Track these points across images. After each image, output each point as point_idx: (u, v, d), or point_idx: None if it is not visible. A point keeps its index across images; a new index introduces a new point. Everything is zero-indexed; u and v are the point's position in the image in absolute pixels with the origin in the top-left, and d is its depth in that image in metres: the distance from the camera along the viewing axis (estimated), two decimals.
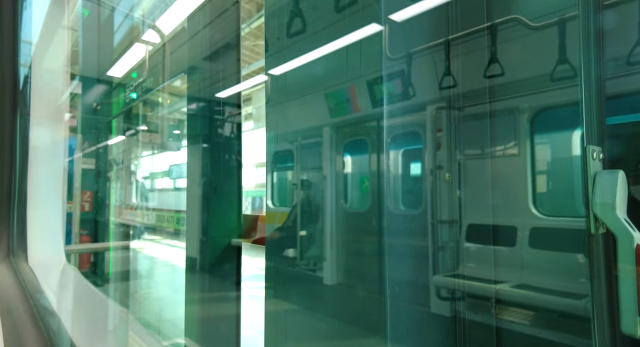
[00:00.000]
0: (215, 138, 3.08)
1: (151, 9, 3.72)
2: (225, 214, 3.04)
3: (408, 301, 1.68)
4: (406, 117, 1.87)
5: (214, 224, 2.98)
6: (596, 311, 0.68)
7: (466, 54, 1.68)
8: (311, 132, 2.36)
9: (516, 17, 1.63)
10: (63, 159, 3.46)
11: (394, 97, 1.79)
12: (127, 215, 5.55)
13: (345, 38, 1.65)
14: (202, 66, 3.14)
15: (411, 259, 1.74)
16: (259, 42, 6.50)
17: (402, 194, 2.13)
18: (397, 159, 2.27)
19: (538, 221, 1.89)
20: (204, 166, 3.06)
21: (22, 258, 2.26)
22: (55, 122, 2.89)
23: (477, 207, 1.74)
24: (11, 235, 2.19)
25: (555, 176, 1.98)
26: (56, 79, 2.93)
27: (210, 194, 2.97)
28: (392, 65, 1.79)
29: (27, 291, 1.61)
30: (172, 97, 4.90)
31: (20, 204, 2.35)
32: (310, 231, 2.43)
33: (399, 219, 1.88)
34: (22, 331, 1.16)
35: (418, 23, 1.73)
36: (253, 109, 13.23)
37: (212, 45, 2.97)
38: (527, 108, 1.85)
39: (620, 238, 0.62)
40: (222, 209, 3.02)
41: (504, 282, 1.72)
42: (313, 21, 1.90)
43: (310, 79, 2.00)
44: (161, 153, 5.37)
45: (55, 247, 3.13)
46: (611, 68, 1.25)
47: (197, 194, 3.02)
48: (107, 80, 5.03)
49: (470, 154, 1.77)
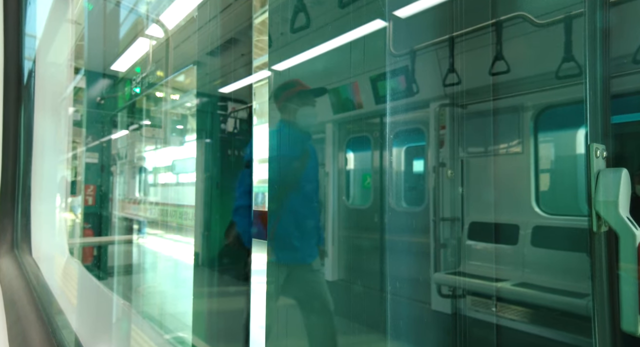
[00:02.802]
0: (228, 133, 3.09)
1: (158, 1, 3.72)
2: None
3: (409, 298, 1.68)
4: (409, 114, 1.87)
5: (224, 219, 2.99)
6: (597, 309, 0.68)
7: (470, 51, 1.67)
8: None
9: (522, 14, 1.62)
10: (67, 153, 3.47)
11: (398, 93, 1.78)
12: (131, 209, 5.58)
13: (349, 34, 1.65)
14: (213, 59, 3.14)
15: (413, 256, 1.74)
16: (263, 37, 6.50)
17: (404, 191, 2.13)
18: (400, 156, 2.26)
19: (541, 220, 1.88)
20: (215, 161, 3.06)
21: (26, 251, 2.28)
22: (59, 116, 2.90)
23: (479, 205, 1.74)
24: (15, 228, 2.21)
25: (558, 175, 1.97)
26: (60, 73, 2.94)
27: (220, 189, 2.98)
28: (396, 61, 1.78)
29: (30, 283, 1.62)
30: (178, 91, 4.91)
31: (24, 198, 2.36)
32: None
33: (400, 215, 1.88)
34: (25, 322, 1.17)
35: (422, 19, 1.72)
36: (257, 105, 13.19)
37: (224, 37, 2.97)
38: (531, 106, 1.84)
39: (623, 236, 0.62)
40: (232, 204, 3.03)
41: (506, 280, 1.72)
42: (317, 17, 1.90)
43: (313, 75, 1.99)
44: (168, 147, 5.39)
45: (59, 240, 3.15)
46: (617, 66, 1.24)
47: (206, 188, 3.02)
48: (112, 75, 5.04)
49: (473, 152, 1.76)
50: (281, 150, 1.91)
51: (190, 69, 3.62)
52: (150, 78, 4.29)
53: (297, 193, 1.84)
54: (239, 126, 3.15)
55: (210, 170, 3.07)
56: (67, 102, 3.34)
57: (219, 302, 2.96)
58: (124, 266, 4.51)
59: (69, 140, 3.82)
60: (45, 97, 2.60)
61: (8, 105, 2.08)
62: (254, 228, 1.95)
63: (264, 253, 2.12)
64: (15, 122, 2.14)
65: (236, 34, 3.06)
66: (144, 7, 4.03)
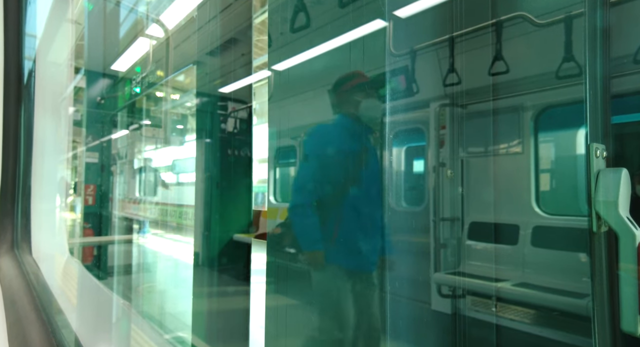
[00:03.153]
0: (228, 133, 3.09)
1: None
2: (236, 209, 3.06)
3: (408, 298, 1.68)
4: (409, 114, 1.87)
5: (224, 219, 3.00)
6: (597, 309, 0.68)
7: (471, 51, 1.67)
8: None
9: (522, 14, 1.62)
10: (67, 152, 3.47)
11: (398, 93, 1.78)
12: (130, 209, 5.58)
13: (349, 34, 1.65)
14: (213, 59, 3.14)
15: (412, 256, 1.74)
16: (263, 37, 6.50)
17: (404, 191, 2.13)
18: (400, 156, 2.26)
19: (541, 220, 1.88)
20: (214, 161, 3.06)
21: (26, 251, 2.28)
22: (59, 116, 2.90)
23: (479, 205, 1.74)
24: (15, 228, 2.21)
25: (559, 175, 1.97)
26: (60, 73, 2.94)
27: (220, 189, 2.98)
28: (395, 61, 1.78)
29: (30, 282, 1.62)
30: (178, 91, 4.91)
31: (25, 197, 2.36)
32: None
33: (400, 215, 1.88)
34: (25, 322, 1.17)
35: (422, 19, 1.72)
36: (257, 105, 13.20)
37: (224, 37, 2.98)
38: (532, 106, 1.84)
39: (622, 236, 0.62)
40: (234, 204, 3.04)
41: (506, 280, 1.72)
42: (317, 16, 1.89)
43: (313, 75, 1.99)
44: (168, 147, 5.38)
45: (59, 240, 3.15)
46: (618, 66, 1.24)
47: (206, 189, 3.03)
48: (112, 74, 5.04)
49: (473, 152, 1.76)
50: (338, 145, 1.76)
51: (190, 69, 3.62)
52: (150, 78, 4.29)
53: (357, 192, 1.69)
54: (238, 126, 3.15)
55: (210, 170, 3.07)
56: (67, 102, 3.34)
57: (219, 301, 2.96)
58: (124, 266, 4.51)
59: (69, 140, 3.82)
60: (45, 97, 2.60)
61: (8, 104, 2.08)
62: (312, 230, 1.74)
63: (264, 253, 2.10)
64: (16, 122, 2.14)
65: (236, 34, 3.06)
66: (144, 6, 4.03)
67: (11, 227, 2.16)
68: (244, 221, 3.10)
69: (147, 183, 5.83)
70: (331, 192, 1.75)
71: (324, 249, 1.72)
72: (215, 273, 2.97)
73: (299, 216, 1.82)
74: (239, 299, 2.95)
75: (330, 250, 1.70)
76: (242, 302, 2.89)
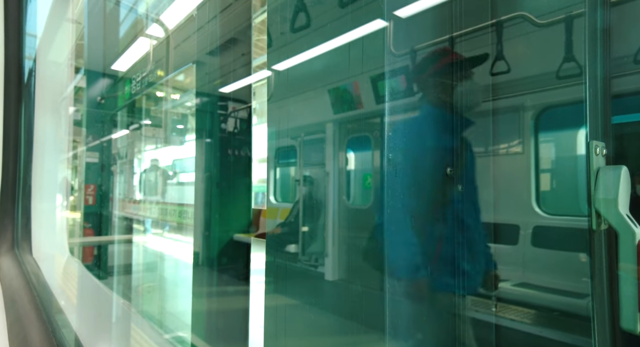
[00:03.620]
0: (228, 133, 3.09)
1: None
2: (236, 209, 3.06)
3: (408, 297, 1.68)
4: (409, 114, 1.87)
5: (224, 219, 3.00)
6: (597, 308, 0.68)
7: (471, 51, 1.67)
8: (314, 128, 2.36)
9: (522, 14, 1.62)
10: (67, 152, 3.47)
11: (398, 93, 1.78)
12: (131, 208, 5.58)
13: (349, 34, 1.65)
14: (213, 58, 3.14)
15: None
16: (263, 37, 6.50)
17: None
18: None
19: (541, 220, 1.88)
20: (214, 161, 3.06)
21: (26, 250, 2.28)
22: (60, 115, 2.90)
23: (479, 205, 1.74)
24: (16, 227, 2.21)
25: (559, 175, 1.97)
26: (61, 72, 2.94)
27: (220, 189, 2.98)
28: (395, 61, 1.78)
29: (31, 282, 1.62)
30: (178, 91, 4.91)
31: (25, 197, 2.36)
32: (312, 227, 2.43)
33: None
34: (25, 321, 1.17)
35: (422, 19, 1.72)
36: (257, 104, 13.23)
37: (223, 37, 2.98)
38: (532, 106, 1.84)
39: (622, 234, 0.61)
40: (234, 204, 3.04)
41: (506, 280, 1.72)
42: (317, 16, 1.90)
43: (313, 75, 1.99)
44: (168, 147, 5.38)
45: (59, 239, 3.15)
46: (618, 66, 1.24)
47: (206, 188, 3.03)
48: (112, 74, 5.04)
49: (473, 152, 1.76)
50: (424, 141, 1.45)
51: (190, 69, 3.62)
52: (150, 77, 4.29)
53: (460, 202, 1.39)
54: (238, 126, 3.16)
55: (209, 170, 3.07)
56: (67, 102, 3.34)
57: (219, 301, 2.96)
58: (124, 265, 4.51)
59: (70, 139, 3.82)
60: (45, 97, 2.60)
61: (8, 104, 2.08)
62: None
63: (263, 253, 2.09)
64: (16, 121, 2.14)
65: (236, 34, 3.07)
66: (144, 6, 4.04)
67: (11, 226, 2.16)
68: (243, 221, 3.10)
69: (147, 183, 5.83)
70: (430, 204, 1.43)
71: (428, 275, 1.39)
72: (215, 273, 2.97)
73: (394, 234, 1.47)
74: (238, 298, 2.95)
75: (433, 273, 1.38)
76: (241, 302, 2.89)
